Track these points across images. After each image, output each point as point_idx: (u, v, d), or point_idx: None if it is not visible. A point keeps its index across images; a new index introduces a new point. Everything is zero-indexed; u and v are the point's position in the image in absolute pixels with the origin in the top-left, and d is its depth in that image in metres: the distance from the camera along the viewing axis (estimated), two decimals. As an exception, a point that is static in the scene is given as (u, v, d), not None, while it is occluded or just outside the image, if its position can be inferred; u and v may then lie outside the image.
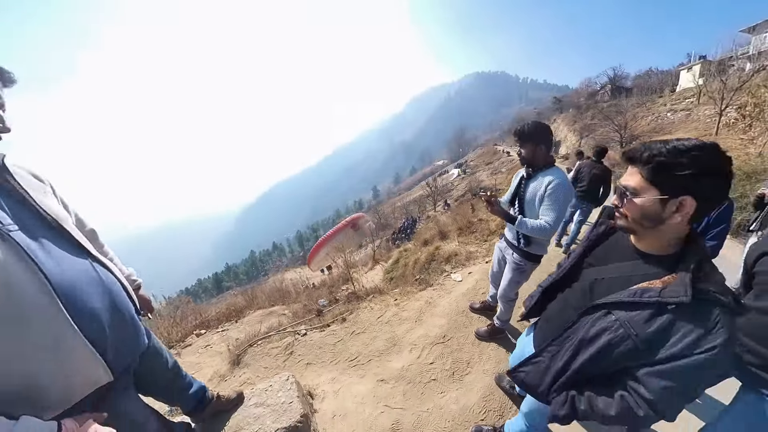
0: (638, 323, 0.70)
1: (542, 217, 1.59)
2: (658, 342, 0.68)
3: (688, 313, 0.66)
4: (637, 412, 0.70)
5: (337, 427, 1.68)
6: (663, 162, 0.68)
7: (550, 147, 1.66)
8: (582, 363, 0.81)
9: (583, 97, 33.62)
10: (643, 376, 0.71)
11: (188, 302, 4.92)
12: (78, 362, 0.70)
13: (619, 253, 0.86)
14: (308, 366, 2.25)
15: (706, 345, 0.63)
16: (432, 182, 24.96)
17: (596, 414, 0.78)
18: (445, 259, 4.75)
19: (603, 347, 0.76)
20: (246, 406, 1.43)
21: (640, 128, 17.16)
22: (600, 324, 0.77)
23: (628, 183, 0.74)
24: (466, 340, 2.30)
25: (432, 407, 1.77)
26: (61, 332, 0.66)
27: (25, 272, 0.63)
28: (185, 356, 2.88)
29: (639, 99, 22.51)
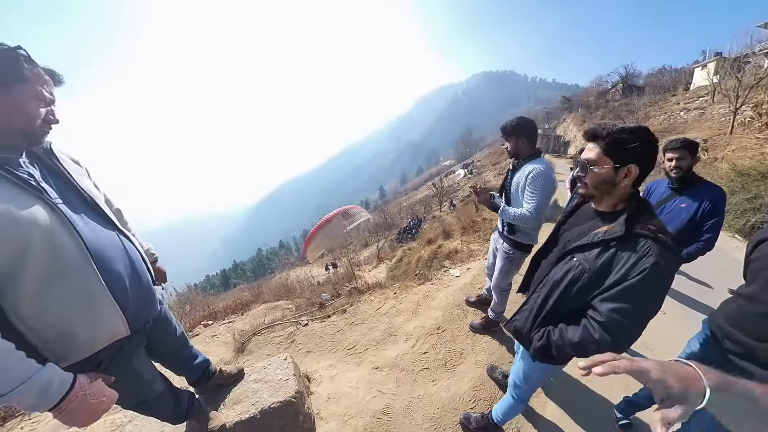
0: (590, 259, 0.88)
1: (524, 205, 1.66)
2: (606, 272, 0.85)
3: (626, 246, 0.83)
4: (593, 335, 0.84)
5: (331, 409, 1.77)
6: (616, 138, 0.87)
7: (533, 140, 1.75)
8: (554, 301, 0.97)
9: (594, 96, 32.99)
10: (596, 303, 0.86)
11: (197, 294, 5.08)
12: (104, 315, 0.82)
13: (585, 216, 1.07)
14: (308, 354, 2.36)
15: (639, 268, 0.78)
16: (438, 182, 24.93)
17: (565, 343, 0.90)
18: (446, 256, 4.81)
19: (568, 284, 0.93)
20: (246, 381, 1.55)
21: (653, 127, 16.82)
22: (565, 266, 0.95)
23: (589, 156, 0.92)
24: (461, 332, 2.37)
25: (423, 394, 1.85)
26: (93, 288, 0.79)
27: (68, 237, 0.76)
28: (194, 344, 3.01)
29: (651, 98, 22.03)
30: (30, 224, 0.69)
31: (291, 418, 1.43)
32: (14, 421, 1.98)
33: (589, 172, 0.92)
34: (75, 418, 0.72)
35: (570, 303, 0.94)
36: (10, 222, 0.67)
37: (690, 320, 2.54)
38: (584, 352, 0.86)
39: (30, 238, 0.69)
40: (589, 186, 0.95)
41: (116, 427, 1.38)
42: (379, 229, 21.61)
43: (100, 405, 0.75)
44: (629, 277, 0.79)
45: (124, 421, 1.41)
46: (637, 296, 0.79)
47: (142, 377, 0.99)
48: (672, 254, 0.80)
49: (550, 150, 30.22)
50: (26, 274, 0.69)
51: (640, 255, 0.79)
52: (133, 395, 0.99)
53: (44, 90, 0.76)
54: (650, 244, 0.79)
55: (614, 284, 0.82)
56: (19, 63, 0.71)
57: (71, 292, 0.75)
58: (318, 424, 1.66)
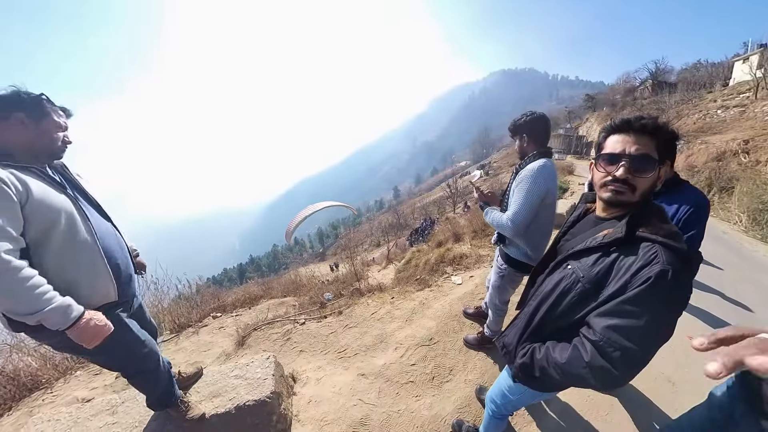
0: (586, 267, 0.76)
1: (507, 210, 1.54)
2: (603, 281, 0.72)
3: (628, 251, 0.70)
4: (583, 357, 0.70)
5: (311, 412, 1.78)
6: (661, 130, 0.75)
7: (540, 138, 1.58)
8: (542, 314, 0.85)
9: (620, 94, 31.30)
10: (591, 319, 0.73)
11: (208, 287, 5.30)
12: (101, 279, 1.08)
13: (588, 224, 0.93)
14: (301, 353, 2.41)
15: (642, 277, 0.65)
16: (453, 183, 24.60)
17: (550, 364, 0.78)
18: (451, 261, 4.74)
19: (559, 295, 0.81)
20: (228, 376, 1.62)
21: (685, 127, 15.67)
22: (558, 275, 0.84)
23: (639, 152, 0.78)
24: (453, 345, 2.30)
25: (404, 409, 1.79)
26: (96, 260, 1.07)
27: (82, 222, 1.05)
28: (201, 335, 3.12)
29: (684, 95, 20.48)
30: (59, 208, 0.99)
31: (265, 417, 1.48)
32: (38, 393, 2.25)
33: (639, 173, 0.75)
34: (84, 337, 0.96)
35: (561, 318, 0.82)
36: (48, 204, 0.96)
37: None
38: (572, 377, 0.74)
39: (58, 217, 0.97)
40: (636, 192, 0.76)
41: (111, 407, 1.55)
42: (392, 229, 21.64)
43: (102, 329, 1.00)
44: (629, 288, 0.66)
45: (117, 402, 1.57)
46: (639, 312, 0.65)
47: (135, 336, 1.20)
48: (685, 263, 0.66)
49: (572, 151, 29.03)
50: (52, 242, 0.97)
51: (644, 262, 0.66)
52: (130, 355, 1.19)
53: (60, 121, 1.08)
54: (657, 249, 0.67)
55: (612, 296, 0.69)
56: (43, 104, 1.03)
57: (80, 260, 1.03)
58: (294, 426, 1.69)
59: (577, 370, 0.72)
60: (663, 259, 0.65)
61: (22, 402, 2.21)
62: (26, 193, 0.92)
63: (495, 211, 1.62)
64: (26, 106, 0.99)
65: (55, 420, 1.49)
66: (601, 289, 0.72)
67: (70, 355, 1.16)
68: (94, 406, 1.56)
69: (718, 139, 10.56)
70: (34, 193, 0.93)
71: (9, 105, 0.97)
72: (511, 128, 1.67)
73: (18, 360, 2.48)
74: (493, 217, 1.59)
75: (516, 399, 1.08)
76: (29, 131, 1.00)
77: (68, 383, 2.39)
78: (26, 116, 0.99)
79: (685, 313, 2.65)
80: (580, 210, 1.01)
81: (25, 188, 0.92)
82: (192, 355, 2.64)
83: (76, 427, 1.43)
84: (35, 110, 1.01)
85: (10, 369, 2.37)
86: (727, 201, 7.37)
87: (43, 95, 1.03)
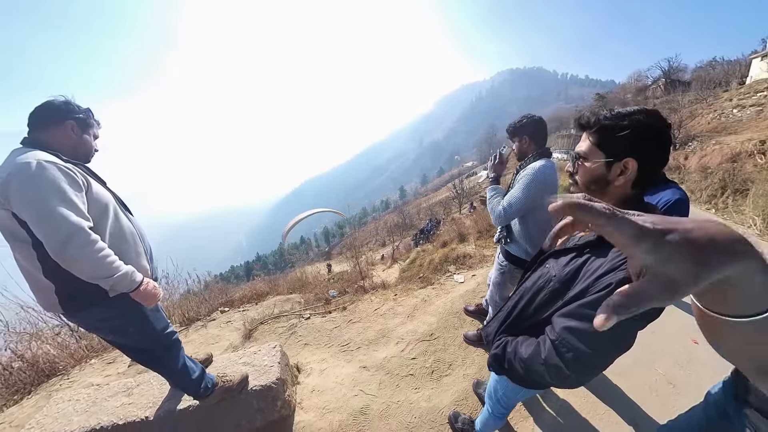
0: (560, 266, 0.77)
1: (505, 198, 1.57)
2: (571, 282, 0.72)
3: (599, 254, 0.69)
4: (540, 354, 0.72)
5: (313, 400, 1.86)
6: (606, 125, 0.72)
7: (539, 139, 1.63)
8: (520, 309, 0.87)
9: (631, 93, 30.66)
10: (553, 318, 0.73)
11: (217, 283, 5.43)
12: (141, 259, 1.25)
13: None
14: (305, 346, 2.48)
15: (604, 283, 0.63)
16: (459, 184, 24.50)
17: (516, 358, 0.79)
18: (455, 260, 4.76)
19: (534, 291, 0.83)
20: (236, 362, 1.70)
21: (699, 127, 15.22)
22: (538, 273, 0.86)
23: (579, 149, 0.79)
24: (453, 341, 2.34)
25: (403, 400, 1.85)
26: (137, 242, 1.24)
27: (122, 211, 1.23)
28: (210, 328, 3.22)
29: (698, 94, 19.81)
30: (106, 200, 1.15)
31: (270, 402, 1.55)
32: (56, 379, 2.39)
33: (578, 166, 0.79)
34: (146, 297, 1.14)
35: (534, 314, 0.83)
36: (100, 195, 1.12)
37: None
38: (531, 373, 0.75)
39: (107, 207, 1.14)
40: (579, 185, 0.81)
41: (127, 389, 1.65)
42: (398, 229, 21.68)
43: (157, 291, 1.19)
44: (590, 292, 0.65)
45: (133, 385, 1.66)
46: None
47: (162, 314, 1.34)
48: None
49: (580, 151, 28.51)
50: (105, 227, 1.12)
51: (610, 267, 0.64)
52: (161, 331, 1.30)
53: (97, 132, 1.25)
54: None
55: (574, 297, 0.69)
56: (91, 118, 1.20)
57: (127, 242, 1.20)
58: (297, 412, 1.76)
59: (535, 366, 0.73)
60: None
61: (40, 387, 2.33)
62: (87, 184, 1.08)
63: (498, 196, 1.64)
64: (78, 116, 1.15)
65: (75, 400, 1.58)
66: (568, 290, 0.72)
67: (109, 337, 1.25)
68: (111, 388, 1.65)
69: (733, 140, 10.27)
70: (92, 186, 1.10)
71: (63, 113, 1.11)
72: (510, 130, 1.70)
73: (37, 348, 2.62)
74: (491, 197, 1.64)
75: (502, 393, 1.11)
76: (75, 138, 1.15)
77: (83, 371, 2.51)
78: (76, 125, 1.14)
79: (692, 317, 2.62)
80: None
81: (85, 179, 1.08)
82: (200, 347, 2.74)
83: (94, 407, 1.52)
84: (83, 121, 1.17)
85: (29, 356, 2.50)
86: (741, 203, 7.18)
87: (89, 108, 1.19)
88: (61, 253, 0.95)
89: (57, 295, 1.06)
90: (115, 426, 1.40)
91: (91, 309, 1.11)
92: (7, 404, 2.17)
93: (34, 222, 0.95)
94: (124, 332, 1.20)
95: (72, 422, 1.44)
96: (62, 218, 0.95)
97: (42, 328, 2.83)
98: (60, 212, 0.95)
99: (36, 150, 1.01)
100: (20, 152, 1.00)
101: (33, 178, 0.94)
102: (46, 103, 1.10)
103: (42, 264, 1.02)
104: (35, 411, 1.99)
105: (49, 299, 1.07)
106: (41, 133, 1.09)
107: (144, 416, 1.43)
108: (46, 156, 1.00)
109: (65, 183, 0.98)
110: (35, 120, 1.08)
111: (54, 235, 0.94)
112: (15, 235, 1.00)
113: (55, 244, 0.95)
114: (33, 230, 0.96)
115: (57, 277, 1.03)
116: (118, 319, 1.15)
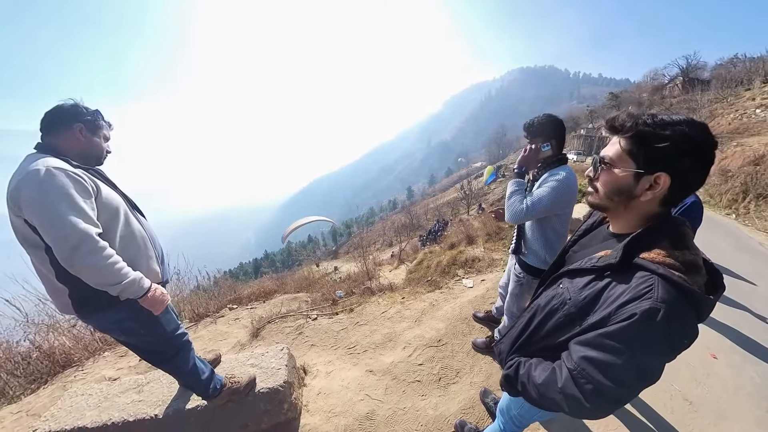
0: (576, 288, 0.71)
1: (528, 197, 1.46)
2: (589, 308, 0.67)
3: (621, 279, 0.63)
4: (557, 382, 0.68)
5: (319, 403, 1.85)
6: (644, 132, 0.63)
7: (562, 143, 1.53)
8: (533, 329, 0.82)
9: (647, 92, 29.76)
10: (571, 345, 0.69)
11: (226, 280, 5.51)
12: (152, 262, 1.26)
13: (598, 238, 0.85)
14: (312, 347, 2.48)
15: (627, 312, 0.58)
16: (467, 185, 24.28)
17: (530, 381, 0.76)
18: (463, 264, 4.70)
19: (547, 313, 0.77)
20: (244, 364, 1.71)
21: (719, 128, 14.58)
22: (552, 292, 0.80)
23: (606, 153, 0.71)
24: (462, 348, 2.30)
25: (409, 407, 1.82)
26: (147, 245, 1.25)
27: (132, 215, 1.24)
28: (218, 325, 3.26)
29: (719, 93, 19.04)
30: (117, 204, 1.15)
31: (276, 404, 1.56)
32: (71, 370, 2.47)
33: (601, 173, 0.72)
34: (154, 303, 1.15)
35: (548, 337, 0.78)
36: (110, 200, 1.12)
37: (752, 368, 2.01)
38: (546, 400, 0.71)
39: (118, 211, 1.15)
40: (599, 193, 0.73)
41: (137, 386, 1.68)
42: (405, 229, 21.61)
43: (164, 297, 1.20)
44: (611, 322, 0.60)
45: (143, 382, 1.69)
46: (618, 349, 0.59)
47: (172, 315, 1.35)
48: (687, 304, 0.57)
49: (593, 152, 27.94)
50: (114, 232, 1.12)
51: (634, 295, 0.59)
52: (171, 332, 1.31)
53: (107, 133, 1.25)
54: (654, 282, 0.58)
55: (594, 326, 0.64)
56: (99, 120, 1.19)
57: (137, 246, 1.21)
58: (303, 415, 1.75)
59: (551, 394, 0.70)
60: (657, 295, 0.56)
61: (56, 377, 2.41)
62: (97, 189, 1.08)
63: (520, 192, 1.50)
64: (85, 119, 1.14)
65: (87, 395, 1.62)
66: (587, 316, 0.67)
67: (121, 338, 1.27)
68: (123, 384, 1.68)
69: (756, 141, 9.85)
70: (102, 190, 1.10)
71: (71, 116, 1.12)
72: (532, 129, 1.53)
73: (54, 339, 2.70)
74: (515, 191, 1.49)
75: (517, 413, 1.06)
76: (84, 140, 1.15)
77: (97, 363, 2.58)
78: (84, 127, 1.14)
79: (711, 330, 2.47)
80: (595, 218, 0.93)
81: (95, 185, 1.08)
82: (209, 343, 2.77)
83: (105, 402, 1.55)
84: (92, 123, 1.17)
85: (47, 347, 2.58)
86: (764, 209, 6.88)
87: (98, 112, 1.19)
88: (69, 261, 0.96)
89: (70, 298, 1.08)
90: (125, 422, 1.43)
91: (102, 312, 1.13)
92: (24, 393, 2.24)
93: (44, 229, 0.96)
94: (135, 334, 1.22)
95: (85, 417, 1.48)
96: (71, 226, 0.95)
97: (59, 320, 2.92)
98: (68, 220, 0.95)
99: (48, 156, 1.02)
100: (32, 158, 1.01)
101: (42, 185, 0.95)
102: (55, 107, 1.11)
103: (54, 268, 1.03)
104: (50, 401, 2.05)
105: (63, 302, 1.09)
106: (52, 138, 1.10)
107: (153, 414, 1.45)
108: (55, 162, 1.00)
109: (74, 189, 0.99)
110: (46, 125, 1.10)
111: (62, 243, 0.95)
112: (28, 240, 1.02)
113: (64, 252, 0.95)
114: (42, 237, 0.98)
115: (69, 281, 1.04)
116: (129, 322, 1.17)
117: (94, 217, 1.03)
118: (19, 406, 2.09)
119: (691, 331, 0.59)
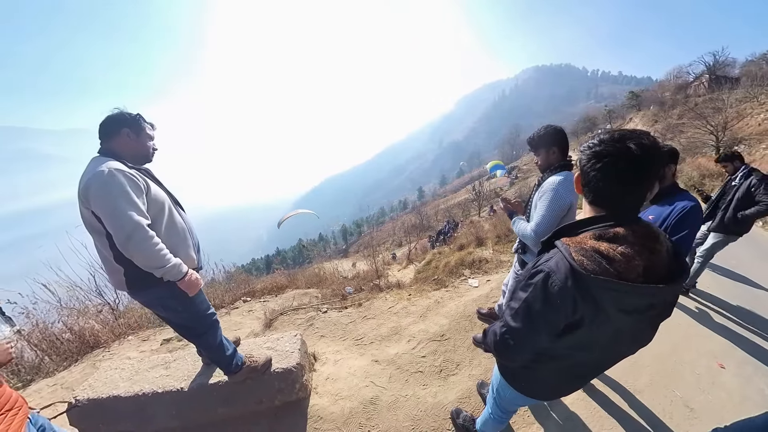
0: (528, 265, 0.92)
1: (531, 222, 1.60)
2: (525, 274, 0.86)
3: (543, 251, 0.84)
4: (495, 325, 0.93)
5: (327, 387, 1.98)
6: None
7: (564, 150, 1.63)
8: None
9: (669, 91, 28.26)
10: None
11: (240, 274, 5.74)
12: (191, 250, 1.44)
13: None
14: (322, 337, 2.61)
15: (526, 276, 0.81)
16: (478, 186, 24.04)
17: (489, 330, 0.98)
18: (470, 264, 4.73)
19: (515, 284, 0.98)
20: (261, 346, 1.86)
21: (748, 129, 13.63)
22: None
23: None
24: (463, 343, 2.38)
25: (410, 395, 1.93)
26: (187, 236, 1.44)
27: (176, 209, 1.43)
28: (233, 316, 3.44)
29: (748, 91, 17.91)
30: (163, 200, 1.34)
31: (289, 384, 1.69)
32: (98, 350, 2.67)
33: None
34: (190, 286, 1.33)
35: None
36: (157, 196, 1.31)
37: (763, 380, 1.97)
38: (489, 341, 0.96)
39: (163, 206, 1.33)
40: None
41: (165, 363, 1.85)
42: (415, 230, 21.64)
43: (199, 281, 1.38)
44: (522, 280, 0.82)
45: (170, 359, 1.87)
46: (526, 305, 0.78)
47: (203, 296, 1.51)
48: (571, 274, 0.69)
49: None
50: (161, 224, 1.30)
51: (537, 264, 0.78)
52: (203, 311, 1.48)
53: (151, 133, 1.41)
54: (554, 256, 0.74)
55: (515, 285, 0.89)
56: (140, 121, 1.35)
57: (179, 236, 1.39)
58: (312, 396, 1.88)
59: (490, 336, 0.94)
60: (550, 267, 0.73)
61: (85, 356, 2.64)
62: (147, 186, 1.26)
63: (521, 221, 1.70)
64: (130, 123, 1.32)
65: (120, 369, 1.80)
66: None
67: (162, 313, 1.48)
68: (152, 361, 1.86)
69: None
70: (151, 188, 1.28)
71: (119, 123, 1.30)
72: (534, 142, 1.67)
73: (84, 322, 2.94)
74: (519, 227, 1.67)
75: (497, 393, 1.22)
76: (133, 142, 1.33)
77: (122, 345, 2.79)
78: (131, 131, 1.32)
79: (722, 339, 2.43)
80: None
81: (146, 183, 1.26)
82: (225, 332, 2.93)
83: (137, 376, 1.72)
84: (136, 126, 1.34)
85: (77, 329, 2.82)
86: (793, 215, 6.52)
87: (139, 115, 1.36)
88: (124, 246, 1.16)
89: (125, 277, 1.27)
90: (154, 393, 1.59)
91: (149, 289, 1.31)
92: (58, 369, 2.47)
93: (106, 219, 1.16)
94: (174, 310, 1.40)
95: (119, 387, 1.65)
96: (127, 217, 1.14)
97: (88, 305, 3.16)
98: (125, 213, 1.14)
99: (109, 159, 1.22)
100: (98, 161, 1.21)
101: (106, 183, 1.14)
102: (106, 117, 1.30)
103: (114, 252, 1.22)
104: (82, 377, 2.25)
105: (119, 279, 1.28)
106: (109, 143, 1.29)
107: (180, 387, 1.61)
108: (116, 165, 1.19)
109: (129, 187, 1.18)
110: (102, 133, 1.29)
111: (120, 231, 1.15)
112: (94, 228, 1.21)
113: (121, 239, 1.15)
114: (105, 225, 1.17)
115: (124, 263, 1.23)
116: (170, 299, 1.35)
117: (145, 210, 1.22)
118: (54, 380, 2.31)
119: (564, 300, 0.72)
